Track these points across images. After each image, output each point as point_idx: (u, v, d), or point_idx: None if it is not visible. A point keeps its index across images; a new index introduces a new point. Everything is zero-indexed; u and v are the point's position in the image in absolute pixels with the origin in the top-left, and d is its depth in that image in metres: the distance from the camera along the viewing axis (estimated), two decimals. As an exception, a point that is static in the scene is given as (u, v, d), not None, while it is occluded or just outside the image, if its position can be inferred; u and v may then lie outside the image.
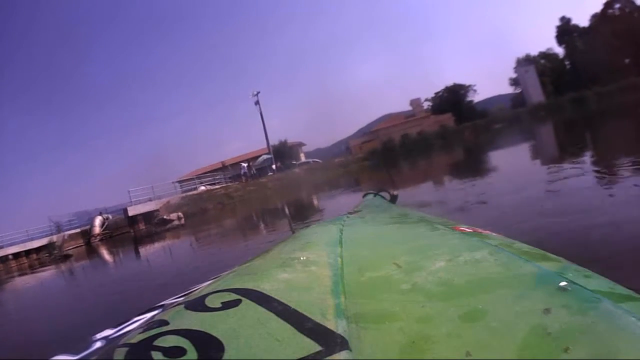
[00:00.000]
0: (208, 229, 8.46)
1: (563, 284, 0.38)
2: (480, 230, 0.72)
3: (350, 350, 0.34)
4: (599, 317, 0.33)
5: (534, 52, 31.28)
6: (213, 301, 0.45)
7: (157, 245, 8.25)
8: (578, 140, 7.34)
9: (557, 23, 30.09)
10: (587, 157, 4.71)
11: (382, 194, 1.90)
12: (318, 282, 0.50)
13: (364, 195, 2.01)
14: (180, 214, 14.25)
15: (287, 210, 8.10)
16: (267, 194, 15.65)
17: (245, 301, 0.44)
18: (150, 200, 16.57)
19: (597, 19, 27.55)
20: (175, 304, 0.52)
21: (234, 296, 0.45)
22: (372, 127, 34.35)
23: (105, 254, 9.64)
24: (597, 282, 0.42)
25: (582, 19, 32.93)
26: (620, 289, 0.41)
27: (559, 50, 30.66)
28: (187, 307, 0.46)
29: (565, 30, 29.56)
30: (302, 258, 0.60)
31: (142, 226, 15.12)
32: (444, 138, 24.05)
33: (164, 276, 3.83)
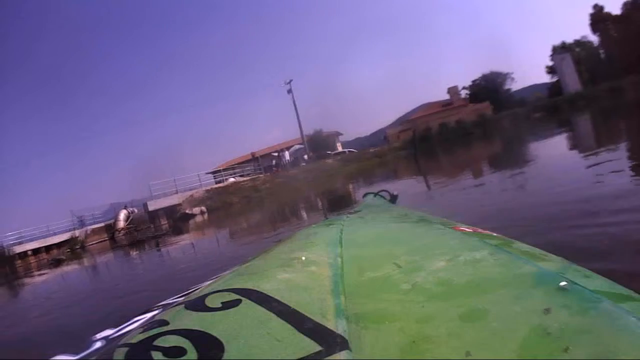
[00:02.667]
0: (229, 225, 8.23)
1: (563, 284, 0.38)
2: (480, 230, 0.72)
3: (350, 350, 0.34)
4: (599, 317, 0.33)
5: (569, 39, 30.90)
6: (213, 301, 0.45)
7: (173, 242, 8.03)
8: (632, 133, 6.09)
9: (591, 10, 29.55)
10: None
11: (382, 194, 1.90)
12: (318, 282, 0.50)
13: (364, 195, 2.01)
14: (203, 208, 13.84)
15: (319, 204, 7.81)
16: (296, 187, 14.96)
17: (245, 301, 0.44)
18: (176, 192, 15.84)
19: (628, 6, 27.15)
20: (175, 304, 0.52)
21: (234, 296, 0.45)
22: (410, 116, 33.91)
23: (126, 248, 9.39)
24: (597, 282, 0.42)
25: (614, 7, 32.52)
26: (620, 289, 0.41)
27: (594, 39, 30.26)
28: (187, 307, 0.46)
29: (599, 18, 29.12)
30: (302, 258, 0.60)
31: (163, 221, 14.50)
32: (482, 127, 23.36)
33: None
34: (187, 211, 13.76)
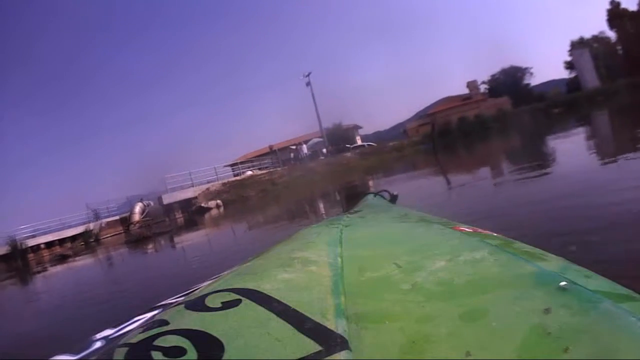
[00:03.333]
0: (244, 219, 8.10)
1: (563, 284, 0.38)
2: (480, 230, 0.72)
3: (350, 350, 0.34)
4: (599, 317, 0.33)
5: (587, 35, 30.79)
6: (213, 301, 0.45)
7: (186, 235, 7.95)
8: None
9: (608, 6, 29.49)
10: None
11: (382, 193, 1.91)
12: (318, 282, 0.50)
13: (364, 195, 2.01)
14: (219, 201, 13.67)
15: (336, 198, 7.65)
16: (313, 180, 14.69)
17: (245, 301, 0.44)
18: (191, 186, 15.58)
19: None
20: (175, 303, 0.52)
21: (234, 296, 0.45)
22: (430, 110, 33.74)
23: (140, 242, 9.26)
24: (597, 282, 0.42)
25: (632, 2, 32.47)
26: (620, 289, 0.41)
27: (611, 35, 30.18)
28: (187, 307, 0.46)
29: (616, 14, 29.08)
30: (302, 258, 0.60)
31: (178, 215, 14.30)
32: (501, 122, 23.11)
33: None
34: (202, 205, 13.55)
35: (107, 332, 0.60)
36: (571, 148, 6.19)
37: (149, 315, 0.61)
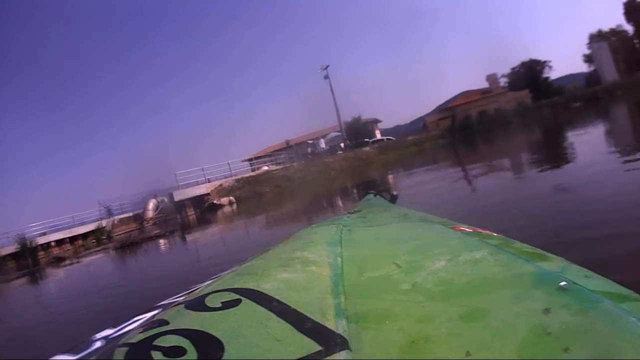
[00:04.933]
0: (256, 217, 7.81)
1: (563, 284, 0.38)
2: (480, 230, 0.72)
3: (350, 350, 0.34)
4: (599, 317, 0.33)
5: (605, 27, 30.57)
6: (213, 301, 0.45)
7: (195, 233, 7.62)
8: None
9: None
10: None
11: (382, 193, 1.91)
12: (318, 282, 0.50)
13: (364, 195, 2.01)
14: (232, 198, 13.31)
15: (353, 195, 7.26)
16: (330, 175, 14.25)
17: (245, 301, 0.44)
18: (206, 182, 15.11)
19: None
20: (175, 303, 0.52)
21: (234, 296, 0.45)
22: (450, 104, 33.36)
23: (153, 240, 8.72)
24: (597, 282, 0.42)
25: None
26: (620, 289, 0.41)
27: (629, 28, 29.98)
28: (187, 307, 0.46)
29: (633, 8, 28.92)
30: (302, 258, 0.60)
31: (190, 212, 13.85)
32: (522, 116, 22.65)
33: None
34: (215, 201, 13.20)
35: (107, 331, 0.60)
36: (590, 145, 5.78)
37: (149, 315, 0.61)
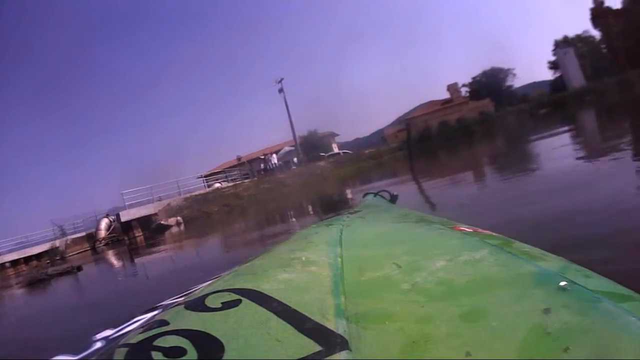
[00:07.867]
0: (201, 239, 7.51)
1: (563, 283, 0.38)
2: (480, 230, 0.72)
3: (350, 350, 0.34)
4: (599, 317, 0.33)
5: (571, 34, 30.46)
6: (213, 301, 0.45)
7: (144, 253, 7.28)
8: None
9: (591, 5, 29.03)
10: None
11: (382, 194, 1.91)
12: (318, 282, 0.50)
13: (364, 195, 2.01)
14: (179, 218, 12.97)
15: (308, 210, 7.28)
16: (282, 192, 13.93)
17: (245, 301, 0.44)
18: (158, 200, 14.65)
19: (629, 0, 26.71)
20: (175, 304, 0.52)
21: (234, 296, 0.45)
22: (410, 115, 32.94)
23: (107, 259, 8.64)
24: (597, 282, 0.42)
25: (615, 1, 32.22)
26: (620, 289, 0.41)
27: (595, 33, 29.82)
28: (187, 307, 0.46)
29: (600, 13, 28.73)
30: (302, 258, 0.60)
31: (137, 233, 13.24)
32: (484, 125, 22.73)
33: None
34: (162, 222, 12.57)
35: (107, 332, 0.60)
36: (556, 149, 5.81)
37: (149, 315, 0.61)
